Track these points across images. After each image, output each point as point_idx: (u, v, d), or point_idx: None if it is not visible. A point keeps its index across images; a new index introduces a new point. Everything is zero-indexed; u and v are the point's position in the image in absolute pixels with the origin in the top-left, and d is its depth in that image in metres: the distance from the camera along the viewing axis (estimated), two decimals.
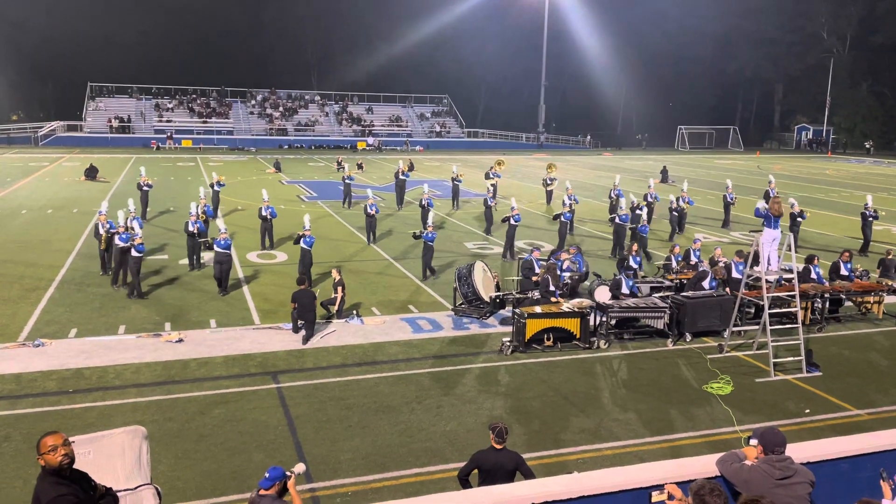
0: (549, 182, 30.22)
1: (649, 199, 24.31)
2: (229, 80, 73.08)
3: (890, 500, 4.88)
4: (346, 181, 28.64)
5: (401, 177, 28.95)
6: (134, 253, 15.31)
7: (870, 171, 52.11)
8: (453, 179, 29.45)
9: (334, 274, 14.72)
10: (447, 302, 15.51)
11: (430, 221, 18.18)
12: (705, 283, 14.29)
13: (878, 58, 74.89)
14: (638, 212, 21.21)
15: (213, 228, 19.46)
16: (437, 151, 61.60)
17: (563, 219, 20.99)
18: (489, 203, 23.54)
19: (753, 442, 5.32)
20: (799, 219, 21.70)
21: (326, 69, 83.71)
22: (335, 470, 8.53)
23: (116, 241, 15.91)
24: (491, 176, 29.92)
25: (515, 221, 19.73)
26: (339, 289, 14.43)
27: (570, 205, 22.48)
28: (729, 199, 25.74)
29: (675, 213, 23.05)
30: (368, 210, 21.51)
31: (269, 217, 20.55)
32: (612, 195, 25.45)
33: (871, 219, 21.74)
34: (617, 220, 20.75)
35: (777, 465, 4.97)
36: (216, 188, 25.49)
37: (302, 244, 16.52)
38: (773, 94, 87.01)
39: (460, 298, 14.95)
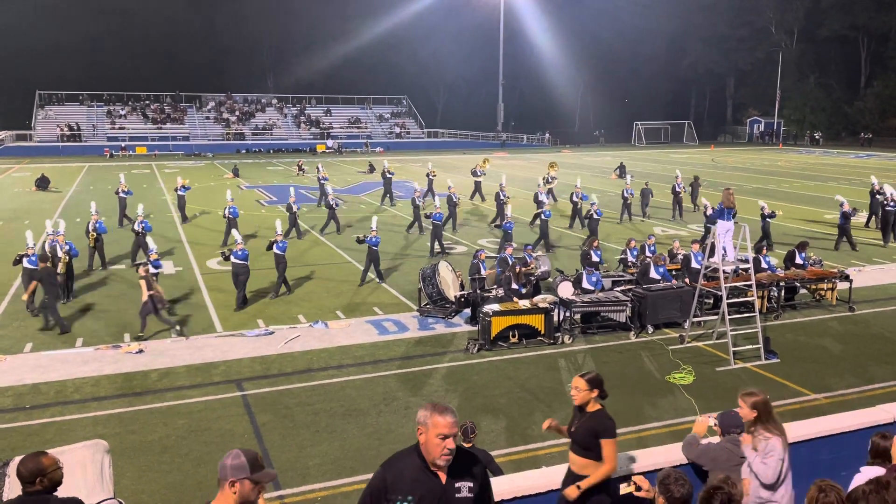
0: (549, 180, 30.16)
1: (575, 199, 24.18)
2: (183, 85, 71.75)
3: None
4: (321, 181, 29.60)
5: (387, 175, 30.47)
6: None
7: (820, 161, 53.53)
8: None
9: (141, 271, 13.53)
10: (412, 303, 15.50)
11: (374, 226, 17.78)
12: (653, 274, 14.49)
13: (824, 50, 77.03)
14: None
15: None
16: (397, 152, 61.41)
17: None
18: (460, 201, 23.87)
19: (712, 422, 5.64)
20: (851, 217, 20.65)
21: (283, 72, 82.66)
22: (304, 476, 8.46)
23: (25, 263, 14.86)
24: (478, 174, 30.77)
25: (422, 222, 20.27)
26: (143, 284, 13.24)
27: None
28: (627, 194, 25.38)
29: (578, 209, 23.80)
30: (332, 203, 23.69)
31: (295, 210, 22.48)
32: (540, 198, 23.84)
33: (889, 207, 20.83)
34: (542, 216, 21.12)
35: (739, 442, 5.45)
36: (122, 195, 24.73)
37: (275, 249, 16.37)
38: (725, 88, 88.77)
39: (425, 299, 14.95)
